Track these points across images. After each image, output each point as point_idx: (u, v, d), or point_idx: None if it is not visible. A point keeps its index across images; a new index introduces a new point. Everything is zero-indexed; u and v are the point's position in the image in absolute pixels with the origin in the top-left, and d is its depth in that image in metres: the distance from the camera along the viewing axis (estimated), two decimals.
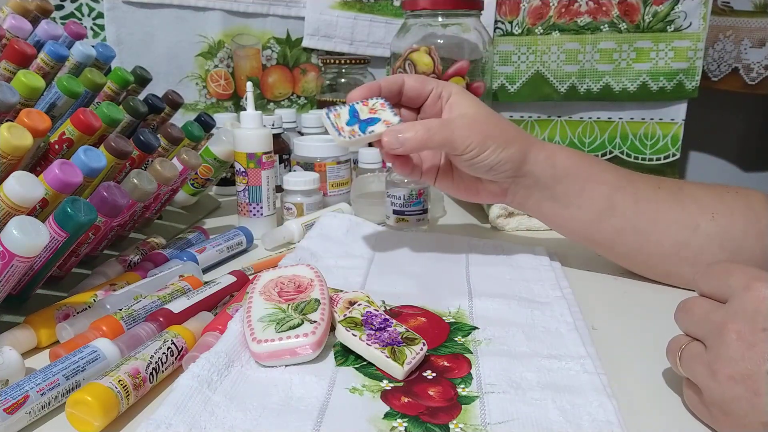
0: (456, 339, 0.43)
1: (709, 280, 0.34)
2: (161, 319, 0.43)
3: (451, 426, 0.33)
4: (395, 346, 0.39)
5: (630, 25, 0.97)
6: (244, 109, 0.66)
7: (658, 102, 1.00)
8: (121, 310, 0.43)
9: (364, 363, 0.39)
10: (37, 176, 0.41)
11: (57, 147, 0.49)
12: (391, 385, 0.37)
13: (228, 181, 0.86)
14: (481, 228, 0.72)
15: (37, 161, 0.49)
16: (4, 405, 0.32)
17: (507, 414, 0.34)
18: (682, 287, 0.52)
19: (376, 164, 0.78)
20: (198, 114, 0.74)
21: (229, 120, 0.84)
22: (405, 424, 0.33)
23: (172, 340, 0.39)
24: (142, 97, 0.65)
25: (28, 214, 0.39)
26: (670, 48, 0.96)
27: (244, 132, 0.66)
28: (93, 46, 0.60)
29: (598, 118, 1.04)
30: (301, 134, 0.89)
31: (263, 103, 1.07)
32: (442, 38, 0.86)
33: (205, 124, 0.73)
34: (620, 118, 1.03)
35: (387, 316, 0.42)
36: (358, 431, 0.33)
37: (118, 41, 0.97)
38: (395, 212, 0.66)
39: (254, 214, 0.68)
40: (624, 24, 0.97)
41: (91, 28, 0.98)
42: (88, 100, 0.57)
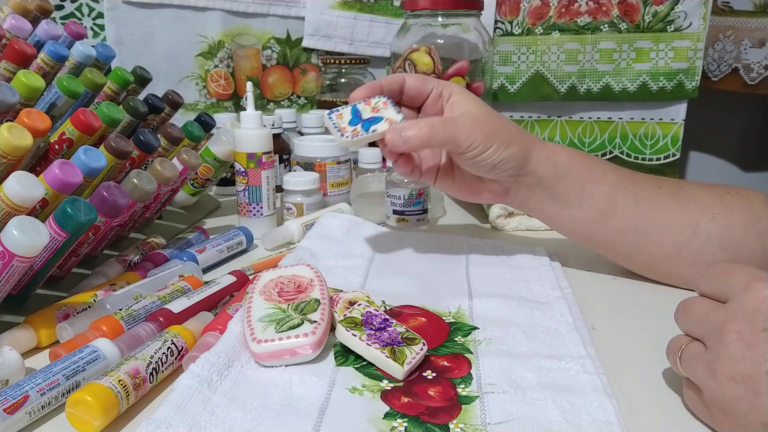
0: (456, 339, 0.43)
1: (709, 280, 0.34)
2: (161, 319, 0.43)
3: (451, 426, 0.33)
4: (395, 346, 0.39)
5: (630, 25, 0.97)
6: (244, 109, 0.66)
7: (658, 102, 1.00)
8: (121, 310, 0.43)
9: (364, 363, 0.39)
10: (37, 176, 0.41)
11: (57, 147, 0.49)
12: (391, 385, 0.37)
13: (228, 181, 0.86)
14: (481, 228, 0.72)
15: (37, 161, 0.49)
16: (4, 405, 0.32)
17: (507, 414, 0.34)
18: (682, 287, 0.52)
19: (376, 164, 0.78)
20: (198, 114, 0.74)
21: (229, 120, 0.84)
22: (405, 424, 0.33)
23: (172, 340, 0.39)
24: (142, 97, 0.65)
25: (28, 214, 0.39)
26: (670, 48, 0.96)
27: (244, 132, 0.66)
28: (93, 46, 0.60)
29: (598, 118, 1.04)
30: (301, 134, 0.89)
31: (263, 103, 1.07)
32: (442, 38, 0.86)
33: (205, 124, 0.73)
34: (620, 118, 1.03)
35: (387, 316, 0.42)
36: (358, 431, 0.33)
37: (118, 41, 0.97)
38: (395, 212, 0.66)
39: (254, 214, 0.68)
40: (624, 24, 0.97)
41: (91, 28, 0.98)
42: (88, 100, 0.57)
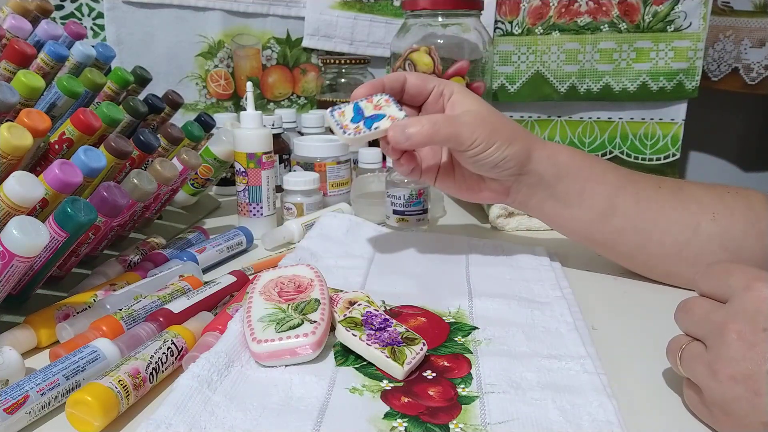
0: (456, 339, 0.43)
1: (710, 280, 0.34)
2: (161, 319, 0.43)
3: (451, 426, 0.33)
4: (395, 346, 0.39)
5: (630, 25, 0.97)
6: (244, 109, 0.66)
7: (658, 102, 1.00)
8: (121, 310, 0.43)
9: (364, 363, 0.39)
10: (37, 176, 0.41)
11: (57, 147, 0.49)
12: (391, 385, 0.37)
13: (228, 181, 0.86)
14: (481, 228, 0.72)
15: (37, 161, 0.49)
16: (4, 405, 0.32)
17: (507, 414, 0.34)
18: (683, 287, 0.52)
19: (376, 164, 0.78)
20: (198, 114, 0.74)
21: (229, 120, 0.84)
22: (405, 424, 0.33)
23: (172, 340, 0.39)
24: (142, 97, 0.65)
25: (28, 214, 0.39)
26: (670, 48, 0.96)
27: (244, 132, 0.66)
28: (93, 46, 0.60)
29: (598, 118, 1.04)
30: (301, 134, 0.89)
31: (263, 103, 1.07)
32: (442, 38, 0.86)
33: (205, 124, 0.73)
34: (620, 118, 1.03)
35: (387, 316, 0.42)
36: (358, 431, 0.33)
37: (118, 41, 0.97)
38: (395, 212, 0.66)
39: (254, 214, 0.68)
40: (624, 24, 0.97)
41: (91, 28, 0.98)
42: (88, 100, 0.57)
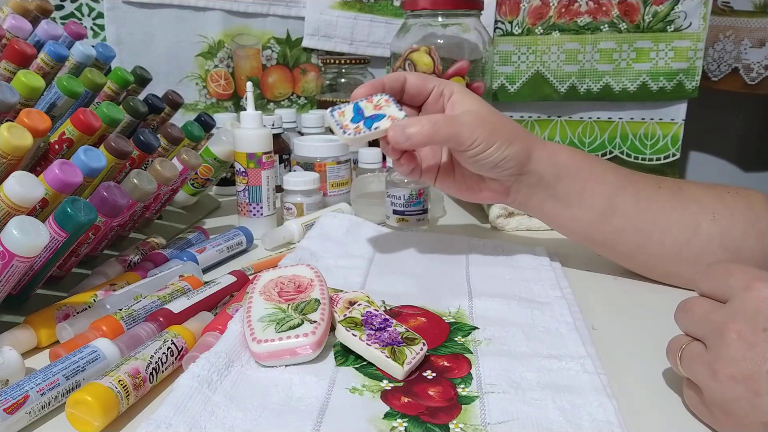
0: (456, 339, 0.43)
1: (710, 280, 0.34)
2: (161, 319, 0.43)
3: (451, 426, 0.33)
4: (395, 346, 0.39)
5: (630, 25, 0.97)
6: (244, 109, 0.66)
7: (658, 102, 1.00)
8: (121, 310, 0.43)
9: (364, 363, 0.39)
10: (37, 176, 0.41)
11: (57, 147, 0.49)
12: (391, 385, 0.37)
13: (228, 181, 0.86)
14: (481, 228, 0.72)
15: (37, 161, 0.49)
16: (4, 405, 0.32)
17: (507, 414, 0.34)
18: (683, 287, 0.52)
19: (376, 164, 0.78)
20: (198, 114, 0.74)
21: (229, 120, 0.84)
22: (405, 424, 0.33)
23: (172, 340, 0.39)
24: (142, 97, 0.65)
25: (28, 214, 0.39)
26: (670, 48, 0.96)
27: (244, 132, 0.66)
28: (93, 46, 0.60)
29: (598, 118, 1.04)
30: (301, 134, 0.89)
31: (263, 103, 1.07)
32: (442, 38, 0.86)
33: (205, 124, 0.73)
34: (620, 118, 1.03)
35: (387, 316, 0.42)
36: (358, 431, 0.33)
37: (118, 41, 0.97)
38: (395, 212, 0.66)
39: (254, 214, 0.68)
40: (624, 24, 0.97)
41: (91, 28, 0.98)
42: (88, 100, 0.57)
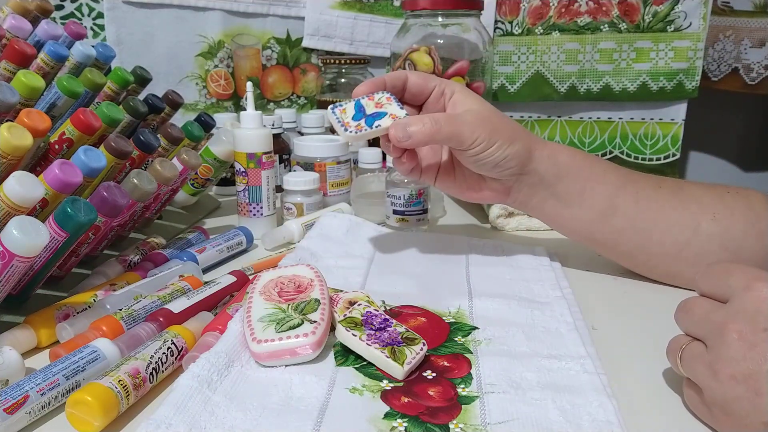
0: (456, 339, 0.43)
1: (710, 280, 0.34)
2: (161, 319, 0.43)
3: (451, 426, 0.33)
4: (395, 346, 0.39)
5: (630, 25, 0.97)
6: (244, 109, 0.66)
7: (658, 102, 1.00)
8: (121, 310, 0.43)
9: (364, 363, 0.39)
10: (37, 176, 0.41)
11: (57, 147, 0.49)
12: (391, 385, 0.37)
13: (228, 181, 0.86)
14: (481, 228, 0.72)
15: (37, 161, 0.49)
16: (4, 405, 0.32)
17: (507, 414, 0.34)
18: (683, 287, 0.52)
19: (376, 164, 0.78)
20: (198, 114, 0.74)
21: (229, 120, 0.84)
22: (405, 424, 0.33)
23: (172, 340, 0.39)
24: (142, 97, 0.65)
25: (28, 214, 0.39)
26: (670, 48, 0.96)
27: (244, 132, 0.66)
28: (93, 46, 0.60)
29: (598, 118, 1.04)
30: (301, 134, 0.89)
31: (263, 103, 1.07)
32: (442, 38, 0.86)
33: (205, 124, 0.73)
34: (620, 118, 1.03)
35: (387, 316, 0.42)
36: (358, 431, 0.33)
37: (118, 41, 0.97)
38: (395, 212, 0.66)
39: (254, 214, 0.68)
40: (624, 24, 0.97)
41: (91, 28, 0.98)
42: (88, 100, 0.57)
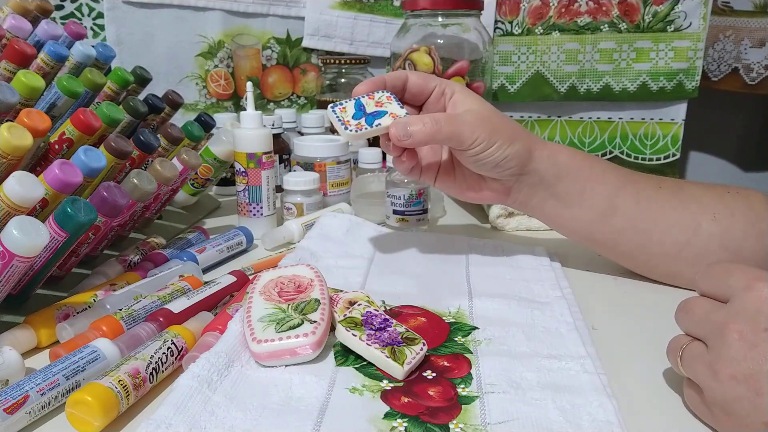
0: (456, 339, 0.43)
1: (710, 280, 0.34)
2: (161, 319, 0.43)
3: (451, 426, 0.33)
4: (395, 346, 0.39)
5: (630, 25, 0.97)
6: (244, 109, 0.66)
7: (658, 102, 1.00)
8: (121, 310, 0.43)
9: (364, 363, 0.39)
10: (37, 176, 0.41)
11: (57, 147, 0.49)
12: (391, 385, 0.37)
13: (228, 181, 0.86)
14: (481, 228, 0.72)
15: (37, 161, 0.49)
16: (4, 405, 0.32)
17: (507, 414, 0.34)
18: (683, 287, 0.52)
19: (376, 164, 0.78)
20: (198, 114, 0.74)
21: (229, 120, 0.84)
22: (405, 424, 0.33)
23: (172, 340, 0.39)
24: (142, 97, 0.65)
25: (28, 214, 0.39)
26: (670, 48, 0.96)
27: (244, 132, 0.66)
28: (93, 46, 0.60)
29: (598, 118, 1.04)
30: (301, 134, 0.89)
31: (263, 103, 1.07)
32: (442, 38, 0.86)
33: (205, 124, 0.73)
34: (620, 118, 1.03)
35: (387, 316, 0.42)
36: (358, 431, 0.33)
37: (118, 41, 0.97)
38: (395, 212, 0.66)
39: (254, 214, 0.68)
40: (624, 24, 0.97)
41: (91, 28, 0.98)
42: (88, 100, 0.57)
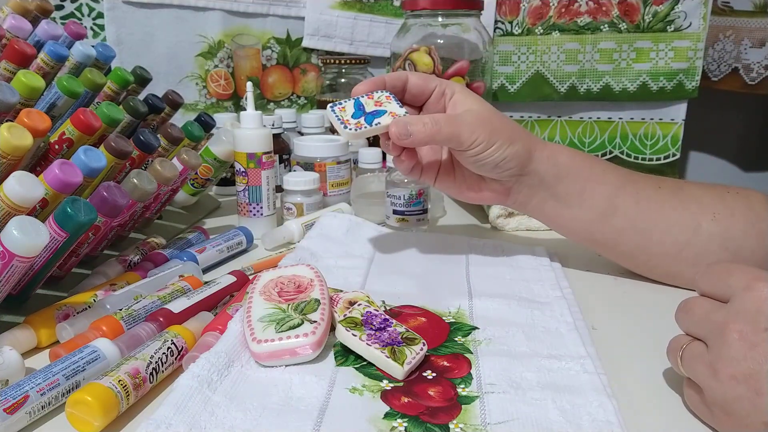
0: (456, 339, 0.43)
1: (710, 280, 0.34)
2: (161, 319, 0.43)
3: (451, 426, 0.33)
4: (395, 346, 0.39)
5: (630, 25, 0.97)
6: (244, 109, 0.66)
7: (658, 102, 1.00)
8: (121, 310, 0.43)
9: (364, 363, 0.39)
10: (37, 176, 0.41)
11: (57, 147, 0.49)
12: (391, 385, 0.37)
13: (228, 181, 0.86)
14: (481, 228, 0.72)
15: (37, 161, 0.49)
16: (4, 405, 0.32)
17: (507, 414, 0.34)
18: (683, 287, 0.52)
19: (376, 164, 0.78)
20: (198, 114, 0.74)
21: (229, 120, 0.84)
22: (405, 424, 0.33)
23: (172, 340, 0.39)
24: (142, 97, 0.65)
25: (28, 214, 0.39)
26: (670, 48, 0.96)
27: (244, 132, 0.66)
28: (93, 46, 0.60)
29: (598, 118, 1.04)
30: (301, 134, 0.89)
31: (263, 103, 1.07)
32: (442, 38, 0.86)
33: (205, 124, 0.73)
34: (620, 118, 1.03)
35: (387, 316, 0.42)
36: (358, 431, 0.33)
37: (118, 41, 0.97)
38: (395, 212, 0.66)
39: (254, 214, 0.68)
40: (624, 24, 0.97)
41: (91, 28, 0.98)
42: (88, 100, 0.57)
